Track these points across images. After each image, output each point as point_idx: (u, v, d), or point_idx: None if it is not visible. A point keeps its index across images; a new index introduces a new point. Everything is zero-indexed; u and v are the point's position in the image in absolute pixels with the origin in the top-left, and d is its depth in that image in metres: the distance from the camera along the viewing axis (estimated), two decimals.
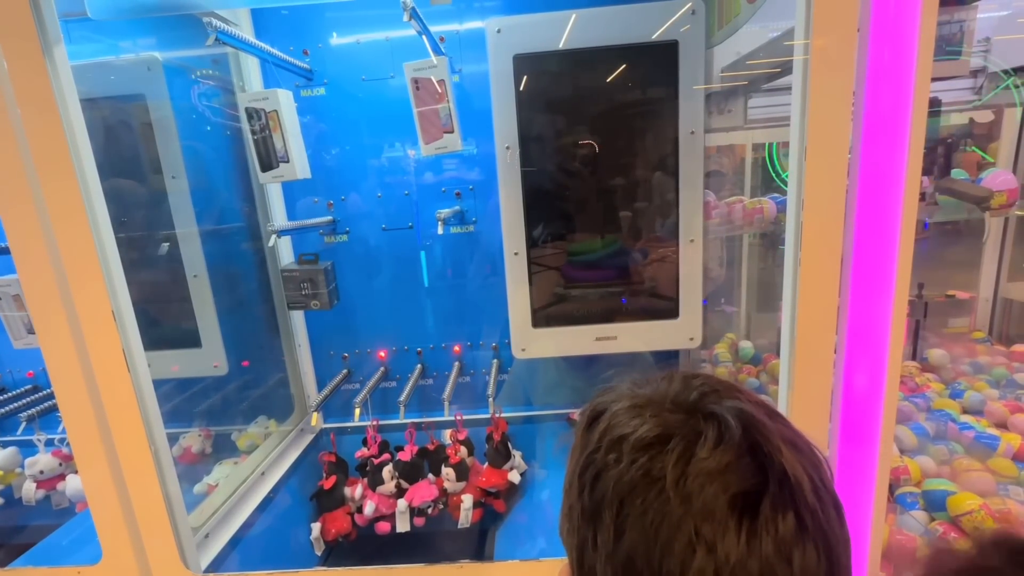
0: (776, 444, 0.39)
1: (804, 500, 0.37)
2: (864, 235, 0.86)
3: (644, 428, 0.42)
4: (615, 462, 0.42)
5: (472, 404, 1.84)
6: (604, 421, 0.45)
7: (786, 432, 0.41)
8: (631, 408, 0.44)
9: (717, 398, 0.43)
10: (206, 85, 1.56)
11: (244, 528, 1.43)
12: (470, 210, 1.73)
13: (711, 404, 0.42)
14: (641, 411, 0.43)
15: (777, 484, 0.37)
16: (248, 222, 1.72)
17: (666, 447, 0.40)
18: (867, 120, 0.81)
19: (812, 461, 0.40)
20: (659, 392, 0.45)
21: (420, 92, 1.36)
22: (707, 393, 0.44)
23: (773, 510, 0.37)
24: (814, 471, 0.39)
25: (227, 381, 1.62)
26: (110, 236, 1.03)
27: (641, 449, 0.41)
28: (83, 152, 0.99)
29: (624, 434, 0.42)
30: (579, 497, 0.44)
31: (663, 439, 0.40)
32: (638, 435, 0.41)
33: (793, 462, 0.38)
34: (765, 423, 0.40)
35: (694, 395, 0.44)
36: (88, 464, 1.09)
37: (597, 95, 1.37)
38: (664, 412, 0.43)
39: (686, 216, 1.35)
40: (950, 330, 2.50)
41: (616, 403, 0.46)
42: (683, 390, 0.44)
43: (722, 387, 0.45)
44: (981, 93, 1.61)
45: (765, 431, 0.39)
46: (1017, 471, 1.56)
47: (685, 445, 0.39)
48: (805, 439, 0.42)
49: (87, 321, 1.02)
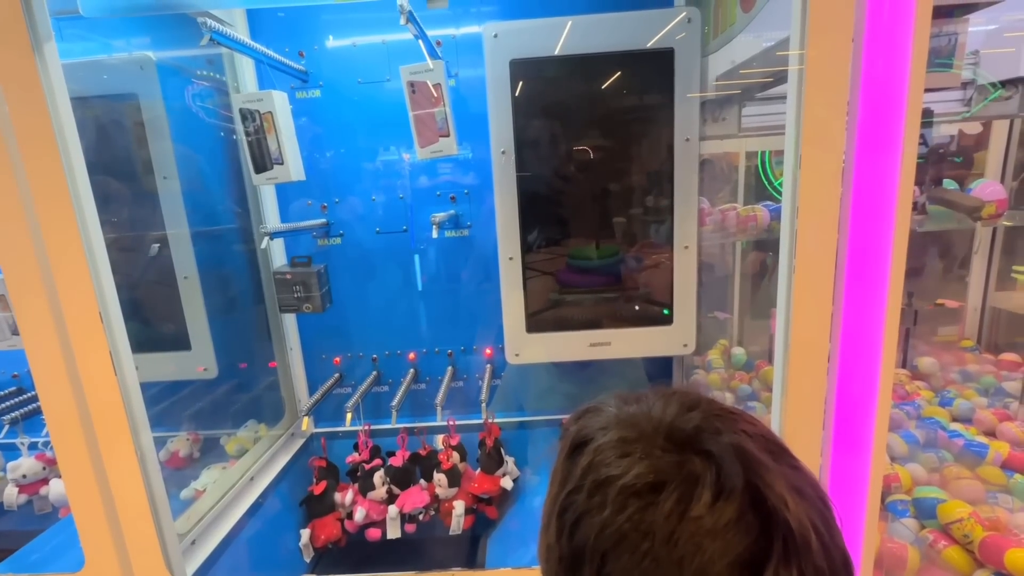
0: (780, 494, 0.35)
1: (811, 560, 0.34)
2: (857, 243, 0.86)
3: (633, 472, 0.37)
4: (598, 508, 0.38)
5: (465, 409, 1.83)
6: (588, 454, 0.41)
7: (791, 476, 0.37)
8: (619, 443, 0.40)
9: (715, 433, 0.39)
10: (200, 85, 1.55)
11: (232, 534, 1.40)
12: (465, 214, 1.73)
13: (709, 441, 0.38)
14: (630, 448, 0.39)
15: (782, 545, 0.34)
16: (240, 224, 1.70)
17: (657, 497, 0.36)
18: (861, 129, 0.82)
19: (819, 511, 0.37)
20: (651, 420, 0.41)
21: (416, 96, 1.36)
22: (704, 426, 0.39)
23: (776, 573, 0.34)
24: (822, 524, 0.36)
25: (216, 384, 1.60)
26: (98, 236, 1.02)
27: (629, 496, 0.37)
28: (72, 151, 0.97)
29: (610, 476, 0.38)
30: (557, 541, 0.41)
31: (655, 488, 0.36)
32: (625, 481, 0.37)
33: (800, 515, 0.35)
34: (769, 467, 0.36)
35: (690, 427, 0.39)
36: (72, 468, 1.07)
37: (593, 101, 1.37)
38: (655, 450, 0.38)
39: (680, 222, 1.36)
40: (940, 338, 2.53)
41: (602, 433, 0.42)
42: (678, 418, 0.40)
43: (721, 416, 0.41)
44: (971, 105, 1.64)
45: (769, 478, 0.36)
46: (1006, 479, 1.57)
47: (679, 496, 0.35)
48: (811, 479, 0.39)
49: (73, 322, 1.00)
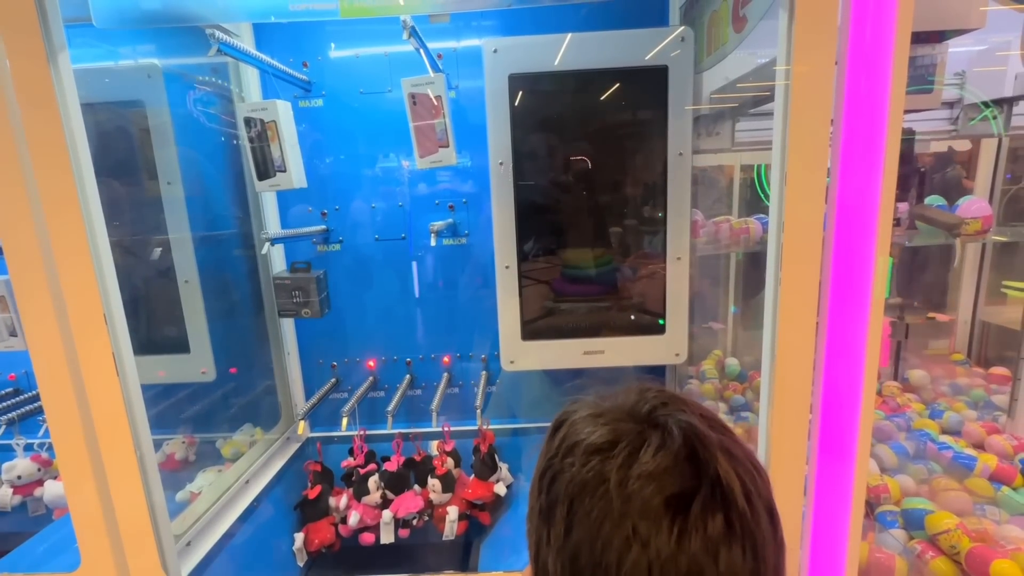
0: (712, 452, 0.42)
1: (735, 503, 0.40)
2: (842, 256, 0.89)
3: (596, 435, 0.46)
4: (569, 466, 0.46)
5: (460, 415, 1.85)
6: (564, 429, 0.50)
7: (725, 442, 0.44)
8: (588, 417, 0.49)
9: (666, 410, 0.46)
10: (205, 93, 1.58)
11: (226, 537, 1.41)
12: (463, 223, 1.75)
13: (660, 415, 0.46)
14: (596, 420, 0.48)
15: (709, 487, 0.41)
16: (242, 229, 1.73)
17: (613, 452, 0.44)
18: (844, 147, 0.85)
19: (747, 469, 0.43)
20: (616, 404, 0.49)
21: (417, 107, 1.39)
22: (658, 405, 0.47)
23: (703, 511, 0.40)
24: (748, 478, 0.42)
25: (214, 388, 1.61)
26: (104, 239, 1.04)
27: (591, 453, 0.45)
28: (82, 156, 1.00)
29: (579, 440, 0.46)
30: (537, 498, 0.49)
31: (611, 445, 0.44)
32: (590, 441, 0.45)
33: (727, 469, 0.41)
34: (706, 433, 0.44)
35: (646, 407, 0.47)
36: (72, 469, 1.08)
37: (589, 116, 1.41)
38: (617, 422, 0.47)
39: (673, 234, 1.39)
40: (930, 352, 2.56)
41: (577, 413, 0.50)
42: (637, 402, 0.48)
43: (672, 400, 0.48)
44: (958, 123, 1.68)
45: (704, 440, 0.43)
46: (993, 491, 1.59)
47: (630, 451, 0.43)
48: (745, 449, 0.46)
49: (78, 324, 1.02)
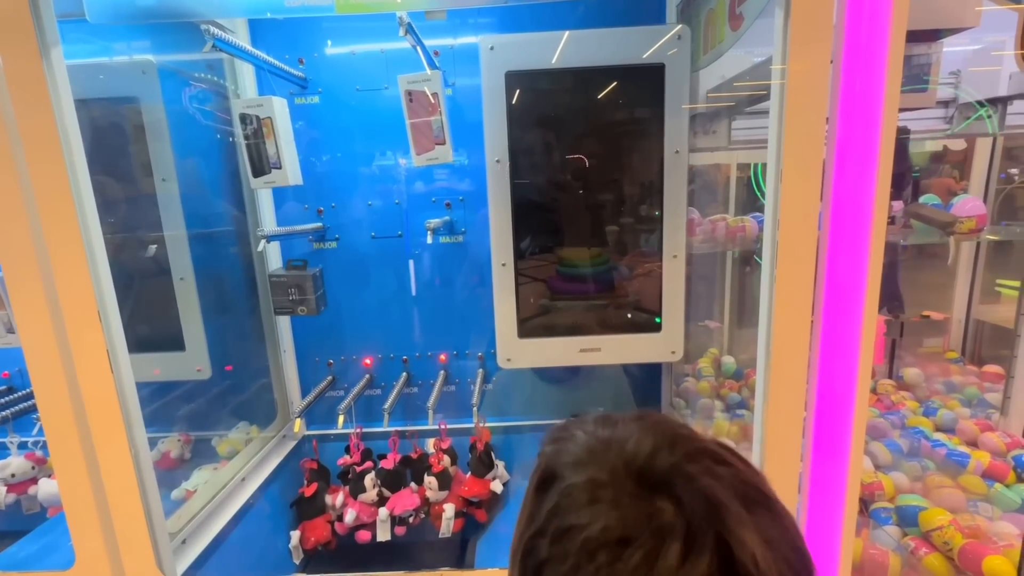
0: (751, 551, 0.34)
1: None
2: (837, 254, 0.89)
3: (599, 525, 0.36)
4: (561, 558, 0.36)
5: (456, 413, 1.85)
6: (555, 494, 0.39)
7: (765, 526, 0.35)
8: (588, 485, 0.38)
9: (688, 479, 0.37)
10: (200, 89, 1.57)
11: (222, 534, 1.41)
12: (459, 221, 1.75)
13: (681, 487, 0.36)
14: (597, 493, 0.38)
15: None
16: (237, 226, 1.72)
17: (623, 552, 0.34)
18: (839, 145, 0.86)
19: (790, 563, 0.35)
20: (623, 457, 0.39)
21: (413, 104, 1.39)
22: (678, 469, 0.37)
23: None
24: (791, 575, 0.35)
25: (210, 386, 1.61)
26: (98, 236, 1.04)
27: (591, 552, 0.35)
28: (75, 153, 0.99)
29: (575, 525, 0.37)
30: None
31: (620, 543, 0.35)
32: (590, 534, 0.36)
33: (768, 572, 0.34)
34: (741, 518, 0.35)
35: (663, 469, 0.38)
36: (66, 467, 1.08)
37: (586, 113, 1.41)
38: (624, 497, 0.37)
39: (670, 232, 1.39)
40: (925, 350, 2.57)
41: (572, 470, 0.40)
42: (651, 457, 0.38)
43: (697, 457, 0.39)
44: (953, 122, 1.69)
45: (741, 532, 0.34)
46: (986, 488, 1.60)
47: (646, 552, 0.34)
48: (786, 526, 0.37)
49: (72, 321, 1.01)
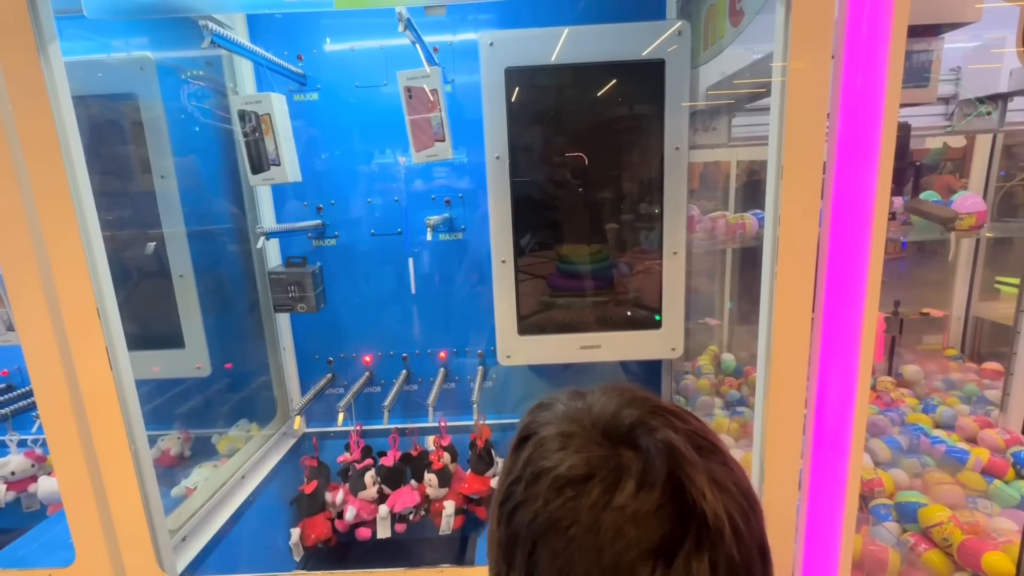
0: (700, 487, 0.37)
1: (722, 547, 0.36)
2: (837, 251, 0.89)
3: (565, 465, 0.40)
4: (533, 497, 0.40)
5: (456, 410, 1.85)
6: (530, 447, 0.44)
7: (715, 471, 0.39)
8: (558, 436, 0.42)
9: (649, 429, 0.41)
10: (198, 86, 1.57)
11: (222, 532, 1.41)
12: (459, 218, 1.75)
13: (641, 437, 0.40)
14: (567, 441, 0.42)
15: (696, 533, 0.36)
16: (236, 224, 1.72)
17: (584, 488, 0.38)
18: (840, 142, 0.85)
19: (738, 505, 0.39)
20: (591, 417, 0.43)
21: (413, 101, 1.38)
22: (637, 422, 0.41)
23: (687, 560, 0.36)
24: (739, 515, 0.38)
25: (209, 383, 1.61)
26: (97, 234, 1.03)
27: (560, 488, 0.39)
28: (73, 149, 0.99)
29: (545, 468, 0.41)
30: (497, 527, 0.43)
31: (584, 479, 0.39)
32: (558, 472, 0.40)
33: (716, 507, 0.37)
34: (693, 462, 0.38)
35: (626, 423, 0.42)
36: (66, 464, 1.07)
37: (586, 109, 1.40)
38: (591, 444, 0.41)
39: (670, 229, 1.39)
40: (924, 347, 2.57)
41: (545, 427, 0.44)
42: (615, 415, 0.42)
43: (657, 413, 0.42)
44: (953, 119, 1.68)
45: (692, 471, 0.38)
46: (985, 484, 1.61)
47: (605, 487, 0.38)
48: (736, 476, 0.41)
49: (71, 319, 1.01)
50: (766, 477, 1.00)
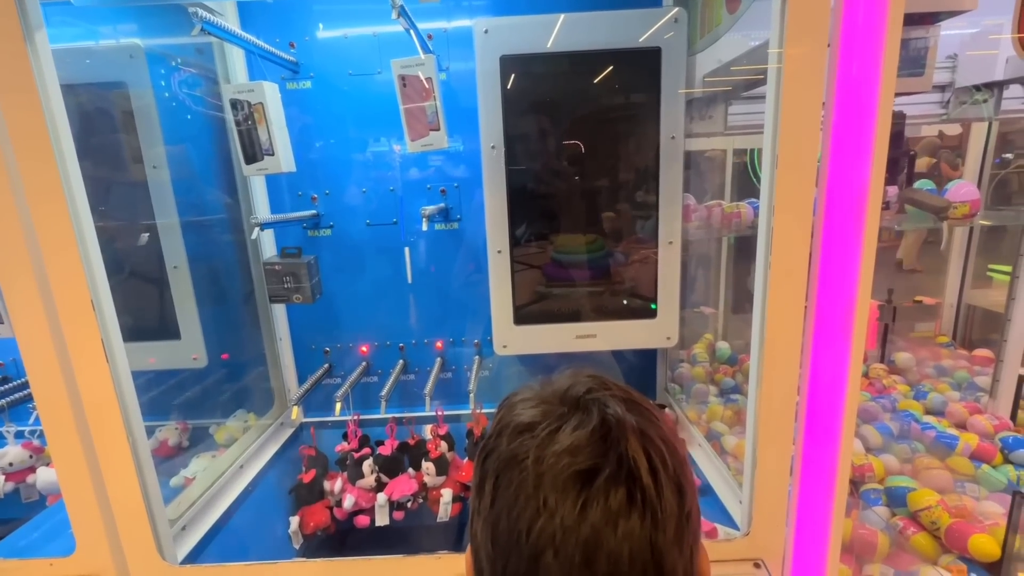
0: (624, 432, 0.46)
1: (638, 479, 0.44)
2: (831, 240, 0.90)
3: (524, 416, 0.50)
4: (498, 445, 0.50)
5: (453, 400, 1.86)
6: (503, 411, 0.54)
7: (640, 423, 0.48)
8: (524, 400, 0.53)
9: (593, 394, 0.50)
10: (189, 74, 1.55)
11: (222, 520, 1.42)
12: (455, 207, 1.74)
13: (586, 399, 0.50)
14: (529, 403, 0.52)
15: (616, 464, 0.45)
16: (230, 214, 1.71)
17: (535, 431, 0.48)
18: (835, 130, 0.85)
19: (657, 448, 0.47)
20: (553, 388, 0.53)
21: (407, 89, 1.37)
22: (586, 391, 0.51)
23: (607, 484, 0.44)
24: (656, 456, 0.46)
25: (206, 374, 1.61)
26: (90, 224, 1.02)
27: (519, 432, 0.49)
28: (63, 139, 0.98)
29: (509, 421, 0.51)
30: (475, 473, 0.53)
31: (536, 425, 0.48)
32: (518, 421, 0.50)
33: (636, 447, 0.46)
34: (621, 415, 0.48)
35: (576, 391, 0.51)
36: (64, 456, 1.08)
37: (582, 98, 1.39)
38: (546, 403, 0.51)
39: (666, 218, 1.39)
40: (916, 334, 2.60)
41: (517, 396, 0.54)
42: (570, 386, 0.52)
43: (601, 385, 0.52)
44: (948, 107, 1.68)
45: (619, 421, 0.47)
46: (973, 469, 1.64)
47: (551, 430, 0.47)
48: (662, 431, 0.49)
49: (65, 310, 1.01)
50: (759, 463, 1.02)
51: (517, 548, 0.45)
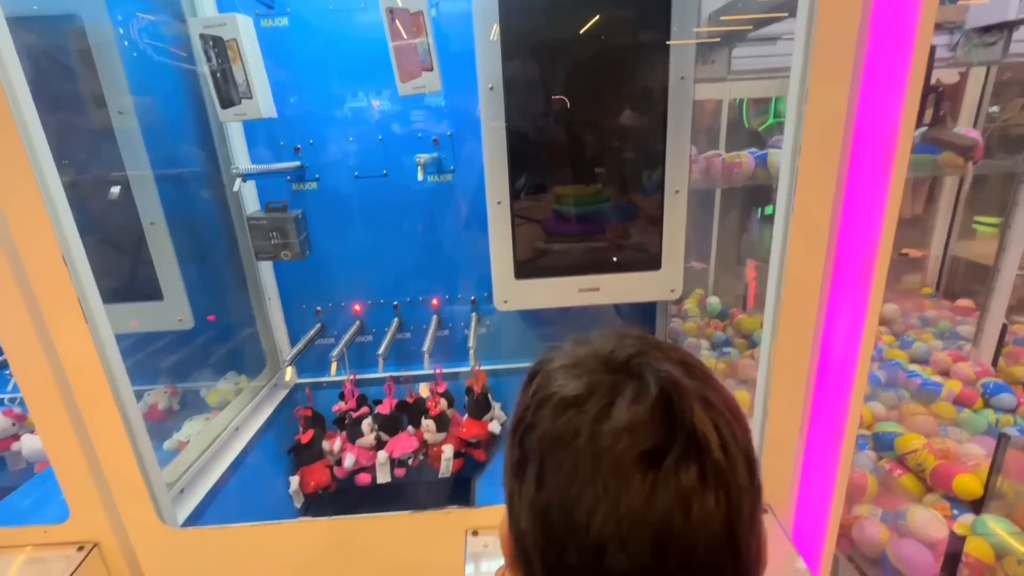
0: (689, 402, 0.41)
1: (710, 455, 0.39)
2: (855, 186, 0.86)
3: (569, 387, 0.44)
4: (542, 419, 0.44)
5: (450, 358, 1.83)
6: (538, 379, 0.48)
7: (703, 390, 0.43)
8: (562, 368, 0.47)
9: (644, 358, 0.44)
10: (151, 5, 1.40)
11: (220, 483, 1.40)
12: (448, 158, 1.66)
13: (636, 363, 0.44)
14: (570, 371, 0.46)
15: (684, 440, 0.40)
16: (208, 167, 1.59)
17: (585, 405, 0.42)
18: (868, 63, 0.80)
19: (725, 419, 0.42)
20: (592, 351, 0.47)
21: (395, 25, 1.26)
22: (635, 353, 0.45)
23: (676, 464, 0.39)
24: (725, 428, 0.41)
25: (193, 336, 1.54)
26: (54, 176, 0.93)
27: (564, 407, 0.43)
28: (15, 79, 0.87)
29: (552, 392, 0.45)
30: (510, 451, 0.48)
31: (585, 398, 0.43)
32: (563, 394, 0.44)
33: (704, 419, 0.40)
34: (683, 382, 0.42)
35: (623, 354, 0.45)
36: (47, 422, 1.03)
37: (585, 37, 1.30)
38: (592, 372, 0.45)
39: (672, 165, 1.33)
40: (903, 286, 2.65)
41: (552, 362, 0.48)
42: (615, 349, 0.46)
43: (652, 346, 0.46)
44: (957, 50, 1.63)
45: (682, 390, 0.41)
46: (956, 414, 1.70)
47: (603, 404, 0.42)
48: (724, 396, 0.44)
49: (35, 271, 0.93)
50: (769, 413, 1.02)
51: (575, 540, 0.40)
